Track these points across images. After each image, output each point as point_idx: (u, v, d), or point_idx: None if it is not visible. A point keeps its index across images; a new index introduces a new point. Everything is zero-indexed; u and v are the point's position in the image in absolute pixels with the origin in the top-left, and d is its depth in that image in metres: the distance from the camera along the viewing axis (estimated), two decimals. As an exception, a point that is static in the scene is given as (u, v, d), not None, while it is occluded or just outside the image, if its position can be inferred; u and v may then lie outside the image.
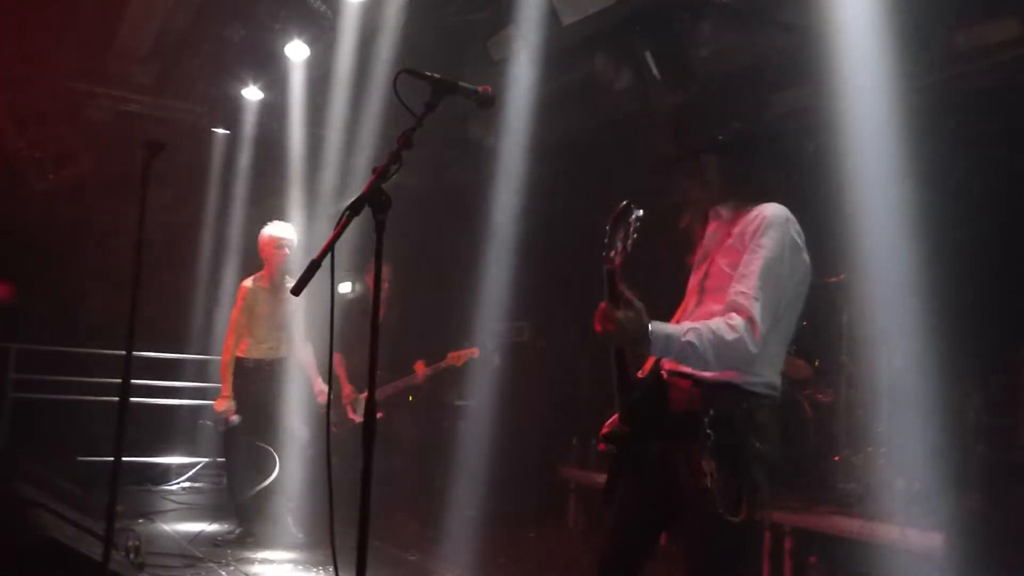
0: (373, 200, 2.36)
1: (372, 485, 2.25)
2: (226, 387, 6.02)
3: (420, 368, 6.86)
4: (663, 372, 2.61)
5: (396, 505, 6.72)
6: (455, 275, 7.92)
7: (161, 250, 6.79)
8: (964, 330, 4.96)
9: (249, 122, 8.03)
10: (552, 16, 5.85)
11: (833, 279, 5.37)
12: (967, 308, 4.98)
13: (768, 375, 2.52)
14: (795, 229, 2.55)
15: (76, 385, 7.64)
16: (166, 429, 8.02)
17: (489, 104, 2.71)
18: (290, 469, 6.44)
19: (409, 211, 7.34)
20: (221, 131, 8.01)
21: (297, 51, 6.76)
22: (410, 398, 7.14)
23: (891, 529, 4.31)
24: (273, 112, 8.01)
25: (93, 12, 7.03)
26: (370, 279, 6.60)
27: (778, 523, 4.79)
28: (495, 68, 6.44)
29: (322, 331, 6.76)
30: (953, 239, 4.87)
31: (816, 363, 5.46)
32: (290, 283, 6.10)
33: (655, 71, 6.15)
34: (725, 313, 2.44)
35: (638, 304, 2.37)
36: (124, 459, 3.49)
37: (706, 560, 2.49)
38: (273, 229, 6.29)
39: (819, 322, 5.48)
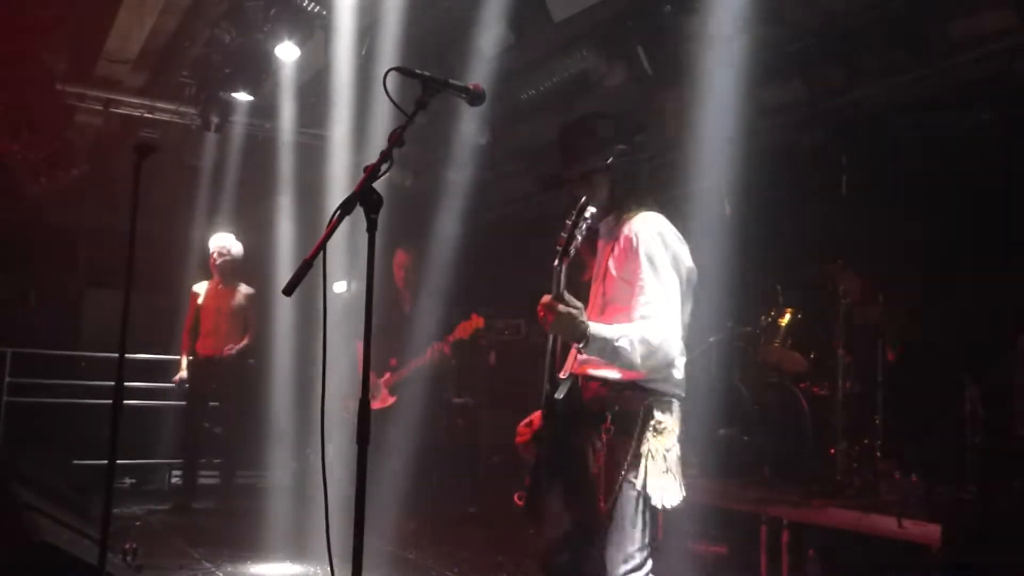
0: (364, 199, 2.35)
1: (367, 483, 2.25)
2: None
3: (434, 348, 6.75)
4: (578, 368, 2.83)
5: (393, 503, 6.71)
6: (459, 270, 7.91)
7: (154, 252, 6.78)
8: (960, 320, 4.97)
9: (240, 123, 8.02)
10: (543, 13, 5.85)
11: (829, 265, 5.38)
12: (964, 298, 4.98)
13: (669, 373, 2.75)
14: (672, 232, 2.81)
15: (71, 388, 7.63)
16: (162, 431, 8.00)
17: (480, 100, 2.70)
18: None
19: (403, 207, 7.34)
20: (214, 132, 7.98)
21: (287, 52, 6.73)
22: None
23: (889, 521, 4.31)
24: (265, 113, 8.00)
25: (83, 15, 7.01)
26: (396, 268, 6.58)
27: (776, 517, 4.79)
28: (487, 65, 6.43)
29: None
30: (949, 227, 4.88)
31: (812, 356, 5.46)
32: (240, 288, 7.25)
33: (647, 66, 6.15)
34: (638, 322, 2.66)
35: (578, 303, 2.61)
36: (120, 462, 3.48)
37: (604, 545, 2.70)
38: (211, 241, 7.24)
39: (815, 315, 5.49)
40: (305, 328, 7.91)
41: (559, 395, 2.80)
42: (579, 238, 2.60)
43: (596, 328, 2.61)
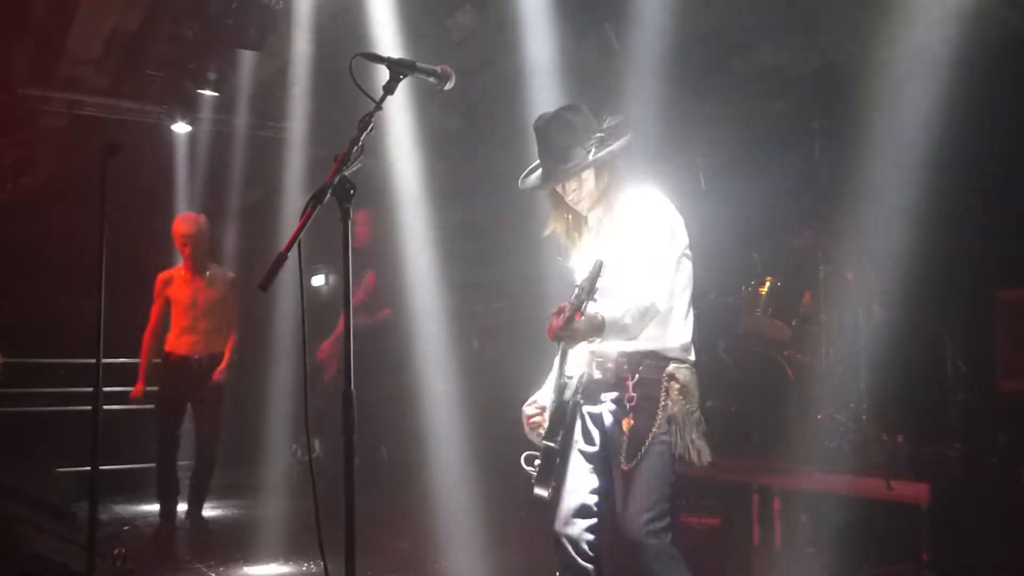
0: (337, 189, 2.32)
1: (356, 473, 2.23)
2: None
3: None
4: (587, 353, 2.99)
5: (384, 493, 6.70)
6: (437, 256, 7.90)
7: (126, 253, 6.68)
8: (940, 277, 4.99)
9: (208, 119, 7.94)
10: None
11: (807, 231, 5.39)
12: (942, 254, 5.00)
13: (682, 339, 2.94)
14: (669, 207, 2.96)
15: (48, 396, 7.54)
16: (144, 435, 7.93)
17: (449, 84, 2.67)
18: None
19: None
20: (180, 130, 7.90)
21: (251, 45, 6.65)
22: None
23: (878, 483, 4.34)
24: (232, 108, 7.92)
25: (42, 16, 6.89)
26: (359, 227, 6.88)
27: (766, 485, 4.82)
28: (456, 48, 6.39)
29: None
30: (929, 186, 4.88)
31: (793, 323, 5.47)
32: (217, 274, 6.24)
33: (615, 43, 6.13)
34: (627, 288, 2.80)
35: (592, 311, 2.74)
36: (103, 467, 3.44)
37: (625, 504, 2.80)
38: (173, 225, 6.18)
39: (795, 281, 5.50)
40: (294, 322, 7.86)
41: (568, 395, 2.95)
42: (594, 295, 2.69)
43: (609, 318, 2.74)
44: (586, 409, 3.00)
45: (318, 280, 10.09)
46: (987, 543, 4.11)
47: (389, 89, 2.51)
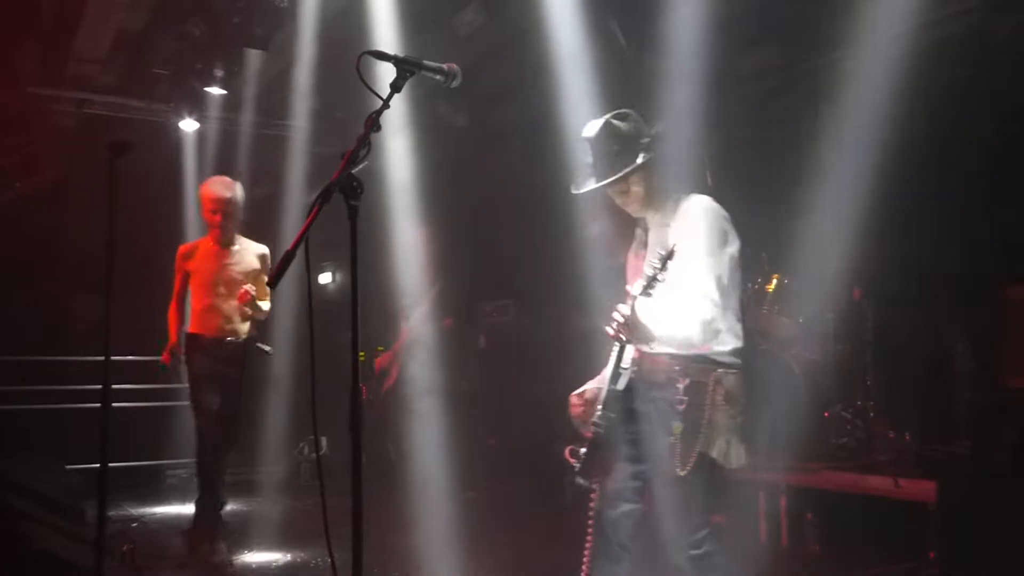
0: (344, 186, 2.33)
1: (362, 472, 2.24)
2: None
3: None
4: (638, 353, 3.12)
5: (391, 491, 6.71)
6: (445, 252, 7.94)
7: (135, 252, 6.69)
8: (948, 274, 4.98)
9: (215, 117, 7.95)
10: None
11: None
12: (951, 251, 4.99)
13: (732, 344, 3.02)
14: (722, 215, 3.06)
15: (59, 393, 7.57)
16: (153, 432, 7.96)
17: (456, 81, 2.67)
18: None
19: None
20: (187, 129, 7.92)
21: (258, 43, 6.67)
22: None
23: (885, 481, 4.33)
24: (239, 106, 7.94)
25: (49, 15, 6.91)
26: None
27: (773, 483, 4.81)
28: (461, 46, 6.39)
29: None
30: (934, 182, 4.87)
31: (800, 320, 5.46)
32: (241, 246, 5.47)
33: (622, 40, 6.13)
34: (687, 298, 2.93)
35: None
36: (112, 464, 3.45)
37: (672, 505, 2.95)
38: (202, 190, 5.42)
39: (802, 279, 5.49)
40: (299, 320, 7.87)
41: (621, 386, 3.08)
42: (661, 281, 2.86)
43: (663, 333, 2.95)
44: (636, 405, 3.10)
45: (325, 278, 10.12)
46: (995, 541, 4.10)
47: (396, 87, 2.51)
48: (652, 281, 2.87)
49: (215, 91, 7.32)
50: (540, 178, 7.97)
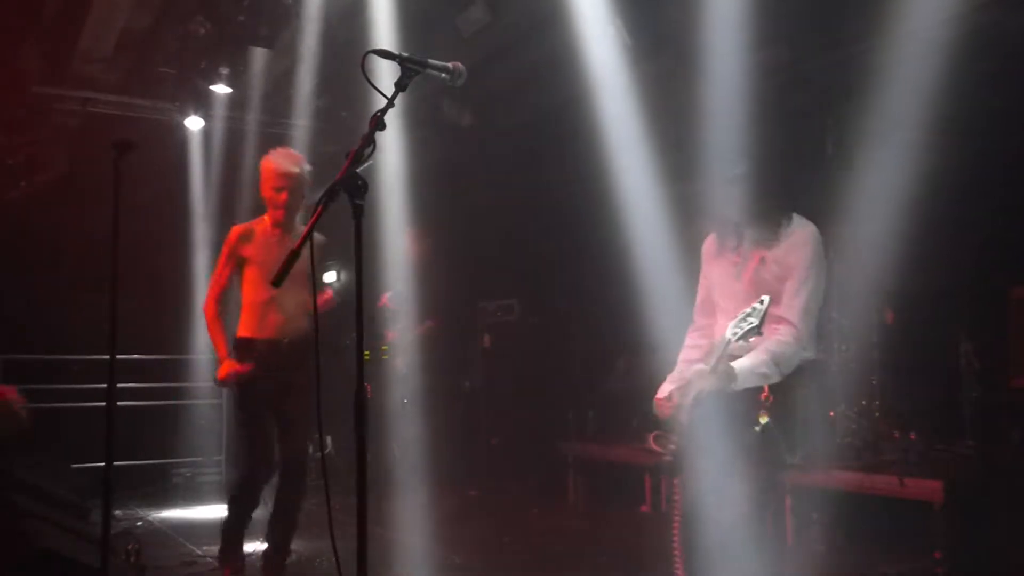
0: (349, 185, 2.32)
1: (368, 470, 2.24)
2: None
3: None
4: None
5: (395, 490, 6.72)
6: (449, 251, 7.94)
7: (140, 251, 6.68)
8: (954, 274, 4.96)
9: (220, 116, 7.96)
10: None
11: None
12: (956, 252, 4.98)
13: (811, 355, 3.34)
14: (820, 241, 3.32)
15: (64, 392, 7.58)
16: (159, 431, 7.98)
17: (461, 80, 2.67)
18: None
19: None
20: (193, 127, 7.93)
21: (263, 42, 6.67)
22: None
23: (891, 481, 4.32)
24: (244, 105, 7.94)
25: (54, 14, 6.92)
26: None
27: (779, 482, 4.80)
28: (466, 45, 6.38)
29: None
30: (942, 182, 4.85)
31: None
32: (299, 233, 4.47)
33: (627, 39, 6.11)
34: (775, 326, 3.23)
35: (729, 365, 3.17)
36: (117, 463, 3.46)
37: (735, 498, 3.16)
38: (265, 163, 4.52)
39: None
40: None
41: (708, 384, 3.25)
42: (757, 335, 3.11)
43: (741, 371, 3.17)
44: (724, 402, 3.24)
45: (330, 277, 10.11)
46: (1001, 541, 4.09)
47: (401, 86, 2.51)
48: (749, 332, 3.09)
49: (220, 90, 7.33)
50: (547, 177, 7.98)
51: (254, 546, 4.70)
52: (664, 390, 3.53)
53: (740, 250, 3.43)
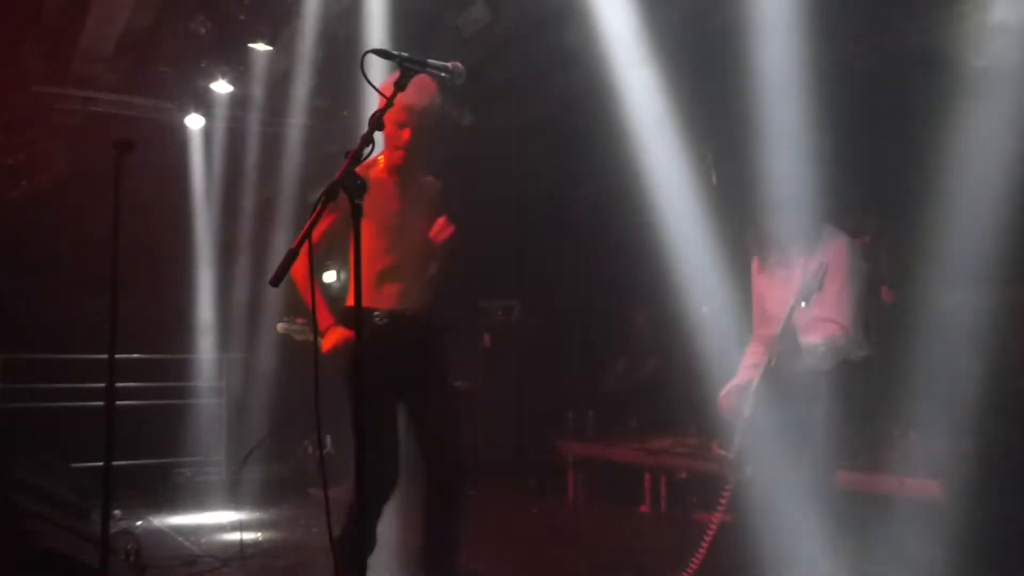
0: (347, 184, 2.32)
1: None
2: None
3: None
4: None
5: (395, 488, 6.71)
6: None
7: (141, 249, 6.67)
8: (952, 273, 4.95)
9: (221, 116, 7.97)
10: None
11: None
12: (954, 250, 4.96)
13: (863, 352, 3.60)
14: (855, 247, 3.63)
15: (64, 391, 7.59)
16: (159, 430, 7.97)
17: (460, 80, 2.68)
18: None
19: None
20: (193, 126, 7.93)
21: (264, 40, 6.68)
22: None
23: (890, 480, 4.32)
24: (245, 104, 7.94)
25: (55, 14, 6.92)
26: None
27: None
28: (466, 45, 6.38)
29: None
30: (940, 184, 4.85)
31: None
32: (430, 183, 3.85)
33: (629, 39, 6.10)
34: (825, 325, 3.46)
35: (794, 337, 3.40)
36: (117, 463, 3.46)
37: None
38: (386, 86, 2.92)
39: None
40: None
41: (768, 383, 3.50)
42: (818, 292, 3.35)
43: (806, 346, 3.41)
44: (784, 400, 3.45)
45: (329, 276, 10.11)
46: (1001, 542, 4.09)
47: (400, 85, 2.52)
48: (810, 294, 3.33)
49: (221, 89, 7.34)
50: (548, 178, 7.98)
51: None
52: (726, 389, 3.76)
53: (785, 261, 3.70)
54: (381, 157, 3.60)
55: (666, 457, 6.16)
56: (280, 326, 3.95)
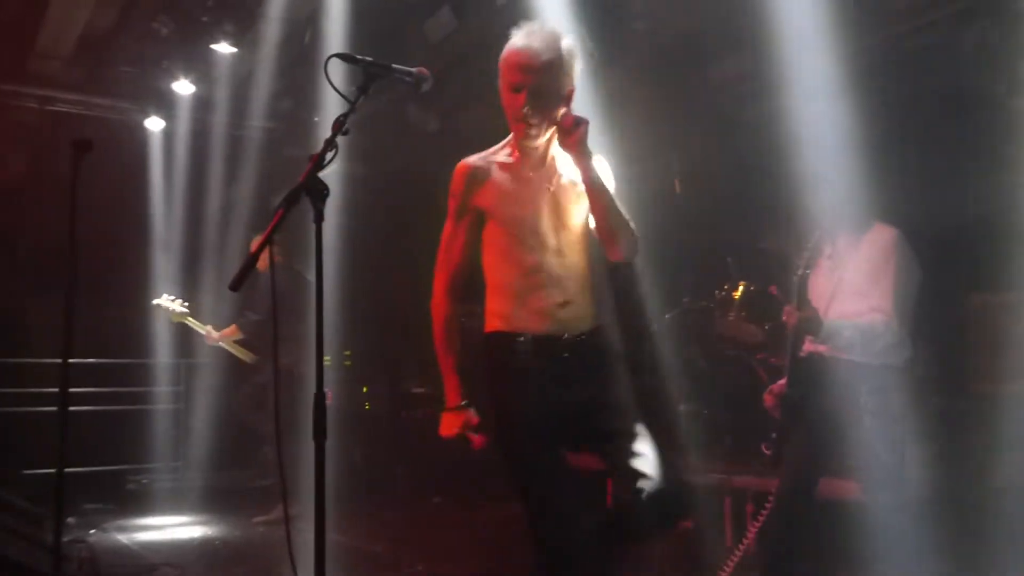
0: (311, 189, 2.30)
1: (326, 477, 2.21)
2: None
3: None
4: (817, 354, 3.67)
5: (357, 497, 6.66)
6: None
7: (98, 252, 6.54)
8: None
9: (183, 117, 7.89)
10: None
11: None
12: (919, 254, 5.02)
13: (907, 354, 3.61)
14: (905, 241, 3.62)
15: (16, 396, 7.41)
16: (113, 436, 7.82)
17: (426, 86, 2.65)
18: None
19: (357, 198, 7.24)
20: (153, 128, 7.84)
21: (226, 41, 6.62)
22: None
23: (851, 486, 4.36)
24: (207, 106, 7.87)
25: (12, 11, 6.80)
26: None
27: (739, 488, 4.83)
28: (434, 50, 6.37)
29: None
30: (896, 193, 4.90)
31: (767, 327, 5.49)
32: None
33: (591, 48, 6.12)
34: (869, 313, 3.54)
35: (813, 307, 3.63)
36: (71, 470, 3.40)
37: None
38: (510, 54, 2.73)
39: (769, 285, 5.52)
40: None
41: (811, 387, 3.62)
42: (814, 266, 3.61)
43: (828, 325, 3.60)
44: (825, 404, 3.57)
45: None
46: (962, 546, 4.13)
47: (364, 90, 2.50)
48: (810, 263, 3.67)
49: (183, 89, 7.26)
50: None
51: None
52: (770, 387, 3.88)
53: (831, 253, 3.76)
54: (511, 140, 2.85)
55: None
56: (156, 302, 4.18)
